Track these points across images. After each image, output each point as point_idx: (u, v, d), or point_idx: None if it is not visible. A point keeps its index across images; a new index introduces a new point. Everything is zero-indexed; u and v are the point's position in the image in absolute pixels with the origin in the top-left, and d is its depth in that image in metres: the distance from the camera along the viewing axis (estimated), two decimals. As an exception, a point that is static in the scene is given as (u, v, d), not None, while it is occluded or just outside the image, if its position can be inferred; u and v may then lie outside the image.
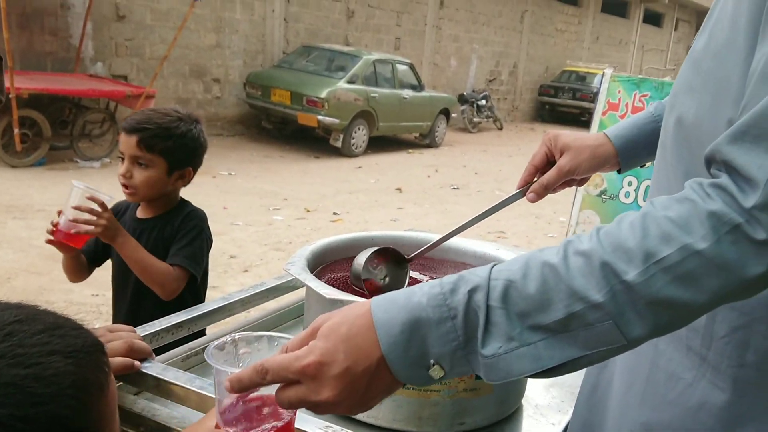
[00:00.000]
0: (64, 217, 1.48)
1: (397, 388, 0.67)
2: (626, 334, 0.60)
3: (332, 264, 1.25)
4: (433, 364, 0.63)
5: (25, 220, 5.03)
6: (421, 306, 0.63)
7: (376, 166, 9.16)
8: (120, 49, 8.55)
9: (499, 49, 16.17)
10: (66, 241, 1.50)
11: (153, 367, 0.98)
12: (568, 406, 1.10)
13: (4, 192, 5.73)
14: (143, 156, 1.58)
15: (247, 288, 1.36)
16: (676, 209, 0.60)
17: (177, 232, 1.64)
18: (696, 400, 0.73)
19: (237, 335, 0.76)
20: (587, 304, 0.60)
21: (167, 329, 1.15)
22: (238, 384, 0.66)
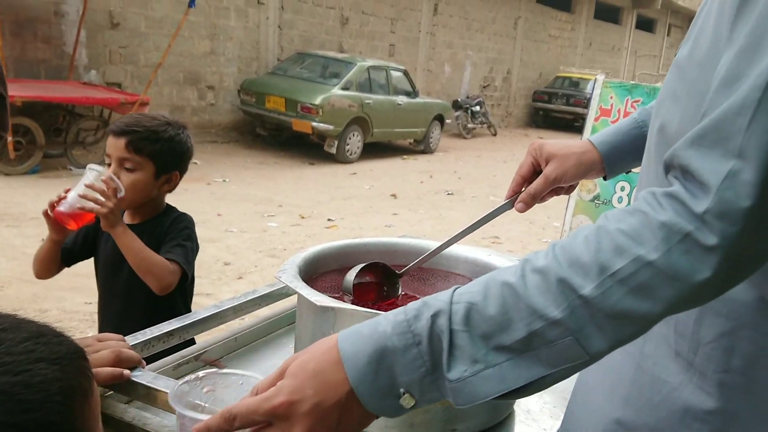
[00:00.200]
0: (74, 192, 1.47)
1: (370, 422, 0.66)
2: (587, 349, 0.60)
3: (326, 272, 1.25)
4: (403, 393, 0.63)
5: (19, 228, 5.01)
6: (387, 335, 0.63)
7: (371, 172, 9.17)
8: (114, 57, 8.55)
9: (493, 55, 16.23)
10: (65, 217, 1.48)
11: (144, 376, 0.98)
12: (560, 412, 1.10)
13: (-3, 200, 5.71)
14: (131, 158, 1.57)
15: (239, 295, 1.36)
16: (628, 221, 0.61)
17: (167, 234, 1.64)
18: (681, 404, 0.73)
19: (201, 373, 0.74)
20: (547, 322, 0.60)
21: (158, 337, 1.15)
22: None
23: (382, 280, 1.16)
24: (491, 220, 1.08)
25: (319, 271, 1.24)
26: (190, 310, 1.71)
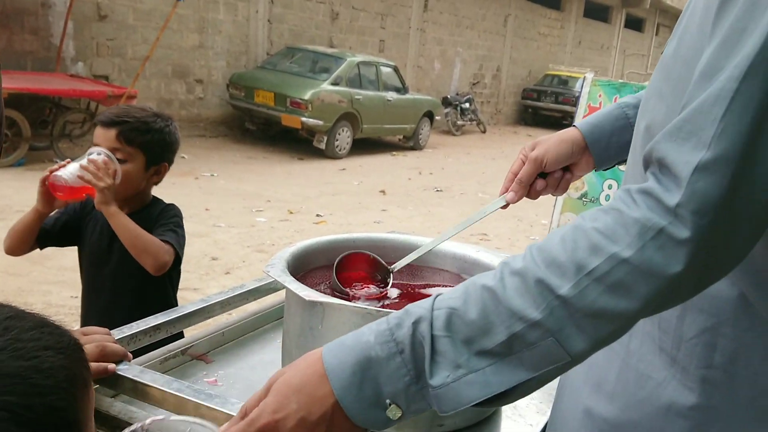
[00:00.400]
0: (75, 164, 1.49)
1: None
2: (568, 350, 0.60)
3: (315, 267, 1.25)
4: (390, 404, 0.62)
5: (4, 221, 4.96)
6: (370, 344, 0.63)
7: (360, 168, 9.16)
8: (101, 49, 8.47)
9: (483, 52, 16.25)
10: (59, 186, 1.48)
11: (130, 370, 0.97)
12: (547, 408, 1.11)
13: (-19, 192, 5.65)
14: (122, 149, 1.57)
15: (227, 290, 1.36)
16: (603, 220, 0.61)
17: (156, 222, 1.63)
18: (665, 400, 0.74)
19: (147, 421, 0.71)
20: (527, 323, 0.60)
21: (145, 331, 1.14)
22: None
23: (373, 273, 1.16)
24: (485, 216, 1.08)
25: (308, 267, 1.24)
26: (177, 303, 1.70)
